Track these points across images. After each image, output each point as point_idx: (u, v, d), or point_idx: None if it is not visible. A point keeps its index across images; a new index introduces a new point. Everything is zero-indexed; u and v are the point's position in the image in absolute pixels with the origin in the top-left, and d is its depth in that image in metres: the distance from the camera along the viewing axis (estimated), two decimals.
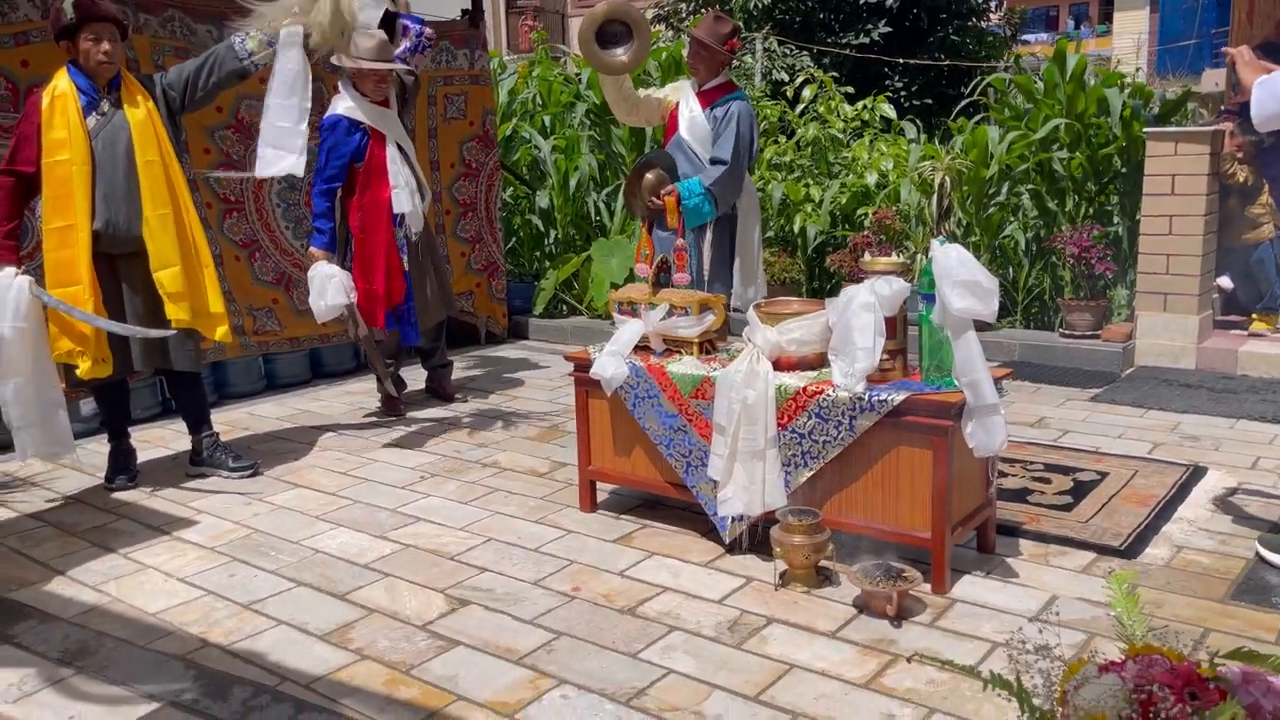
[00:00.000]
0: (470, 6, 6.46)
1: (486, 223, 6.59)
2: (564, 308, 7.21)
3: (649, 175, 4.15)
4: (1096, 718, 1.22)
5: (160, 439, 4.58)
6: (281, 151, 3.89)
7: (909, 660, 2.21)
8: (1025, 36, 19.67)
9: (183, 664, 2.52)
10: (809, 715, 2.20)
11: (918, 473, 2.75)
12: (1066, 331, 5.74)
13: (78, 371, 3.66)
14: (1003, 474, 3.65)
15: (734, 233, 4.42)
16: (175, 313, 3.72)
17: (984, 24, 11.09)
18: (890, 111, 7.50)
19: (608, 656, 2.49)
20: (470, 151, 6.42)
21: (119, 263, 3.74)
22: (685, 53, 4.45)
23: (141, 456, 4.15)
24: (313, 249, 4.49)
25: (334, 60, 4.41)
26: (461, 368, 5.82)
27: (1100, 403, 4.79)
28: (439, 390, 5.25)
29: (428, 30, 4.72)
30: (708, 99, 4.34)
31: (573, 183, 7.44)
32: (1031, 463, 3.83)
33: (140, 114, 3.72)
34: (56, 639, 2.67)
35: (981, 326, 5.04)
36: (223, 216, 5.17)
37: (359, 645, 2.59)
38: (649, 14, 11.53)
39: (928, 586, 2.76)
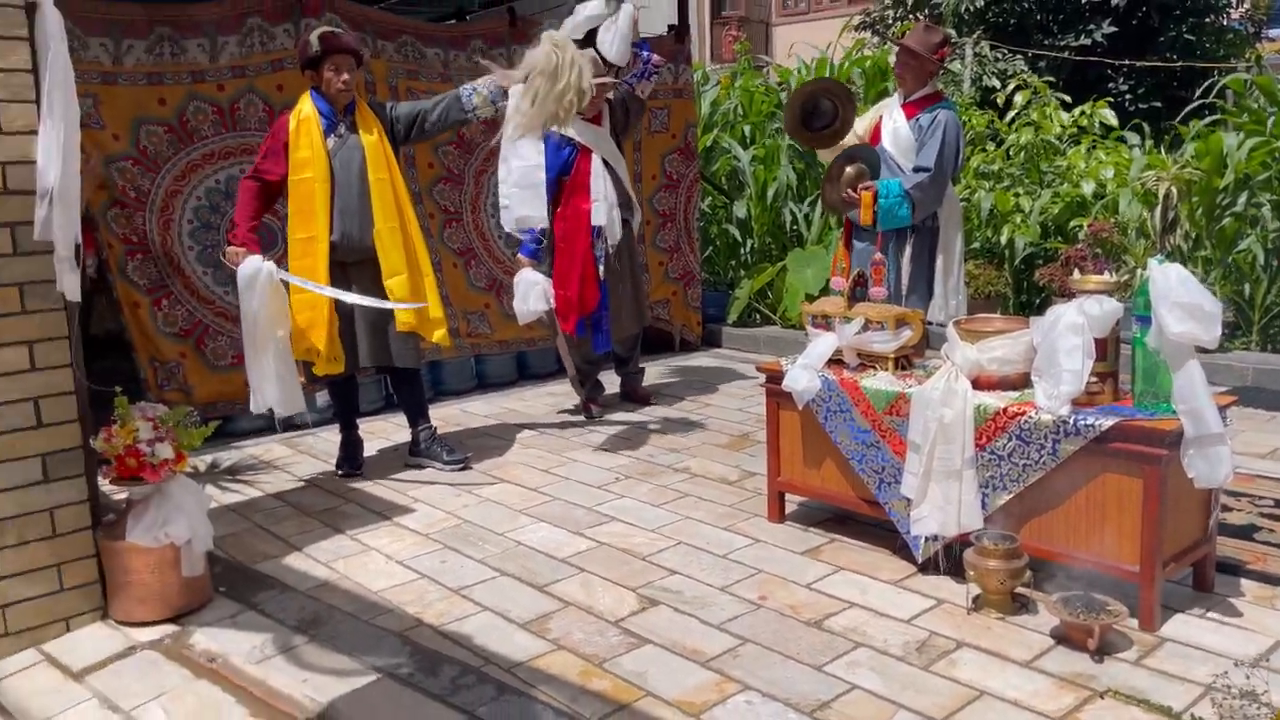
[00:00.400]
0: (676, 22, 6.62)
1: (685, 233, 6.73)
2: (758, 317, 7.24)
3: (849, 168, 4.16)
4: None
5: (383, 431, 4.96)
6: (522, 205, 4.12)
7: (1102, 696, 2.13)
8: (1271, 32, 18.00)
9: (400, 640, 2.75)
10: None
11: (1126, 502, 2.62)
12: None
13: (314, 369, 4.04)
14: (1226, 508, 3.40)
15: (934, 245, 4.34)
16: (402, 316, 4.03)
17: (1223, 21, 10.25)
18: (1111, 118, 7.09)
19: (793, 667, 2.52)
20: (671, 164, 6.58)
21: (351, 270, 4.09)
22: (892, 61, 4.41)
23: (367, 447, 4.52)
24: (520, 256, 4.76)
25: None
26: (655, 374, 5.97)
27: None
28: (632, 394, 5.41)
29: (655, 57, 4.87)
30: (913, 109, 4.28)
31: (770, 193, 7.47)
32: (1261, 497, 3.55)
33: (372, 137, 4.06)
34: (293, 609, 2.98)
35: (1206, 349, 4.74)
36: (444, 226, 5.55)
37: (556, 636, 2.74)
38: (855, 20, 11.38)
39: (1134, 622, 2.63)
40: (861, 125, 4.48)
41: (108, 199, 4.56)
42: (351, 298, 3.91)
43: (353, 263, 4.08)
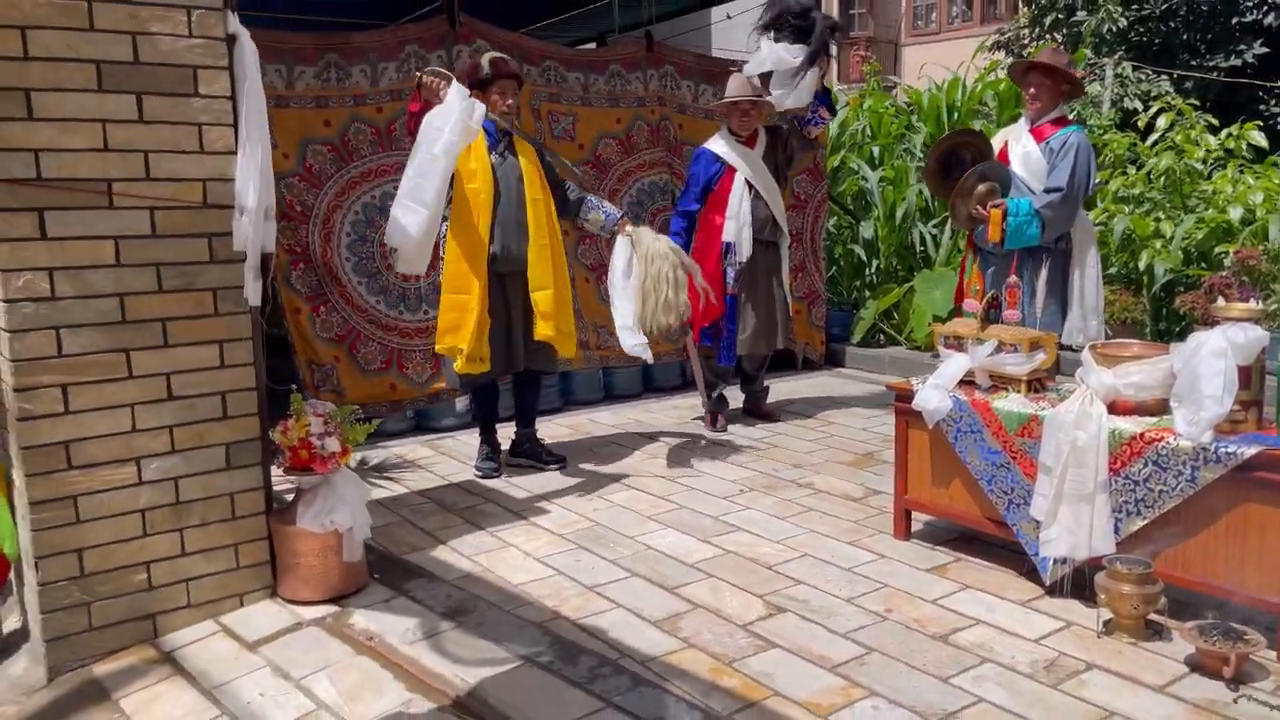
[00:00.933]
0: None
1: (811, 253, 6.79)
2: (882, 338, 7.24)
3: (981, 186, 4.19)
4: None
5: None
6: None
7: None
8: None
9: (540, 630, 2.92)
10: None
11: (1269, 533, 2.59)
12: None
13: (455, 365, 4.23)
14: None
15: (1066, 267, 4.34)
16: (544, 328, 4.23)
17: None
18: (1261, 140, 6.84)
19: (918, 677, 2.59)
20: (800, 184, 6.65)
21: (506, 280, 4.30)
22: (1024, 82, 4.41)
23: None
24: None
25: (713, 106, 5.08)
26: (779, 391, 6.05)
27: None
28: (755, 411, 5.51)
29: (826, 113, 5.03)
30: (1043, 132, 4.30)
31: (899, 213, 7.47)
32: None
33: (528, 161, 4.29)
34: (441, 596, 3.19)
35: None
36: (578, 243, 5.77)
37: (686, 635, 2.87)
38: (989, 41, 11.23)
39: (1272, 654, 2.59)
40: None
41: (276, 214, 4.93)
42: None
43: (507, 273, 4.29)
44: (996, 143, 4.54)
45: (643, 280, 4.22)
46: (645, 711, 2.46)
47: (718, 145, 5.03)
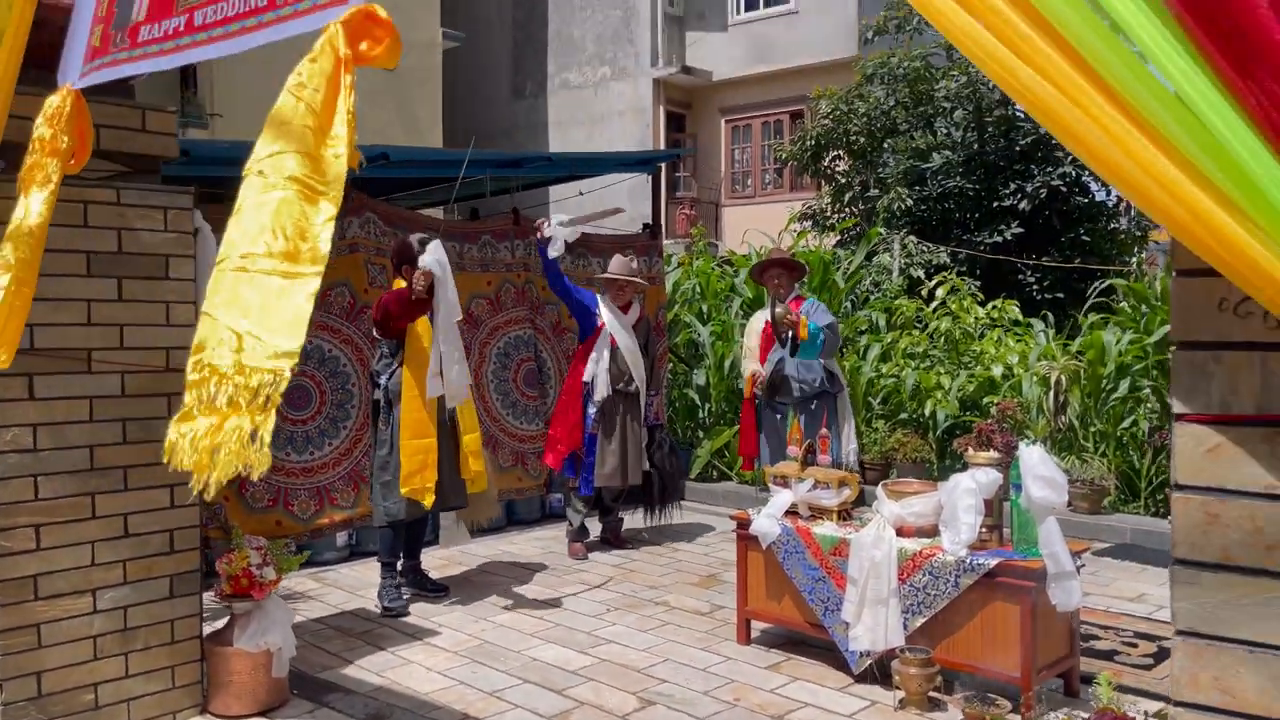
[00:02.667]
0: (651, 222, 7.80)
1: (654, 397, 7.69)
2: (715, 473, 8.16)
3: (779, 307, 5.50)
4: None
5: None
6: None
7: None
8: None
9: None
10: None
11: (1009, 623, 3.52)
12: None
13: (425, 502, 4.63)
14: (1096, 637, 4.31)
15: (840, 407, 5.63)
16: (474, 464, 4.83)
17: (1114, 225, 11.87)
18: (1017, 313, 8.34)
19: None
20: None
21: (440, 426, 4.85)
22: (769, 279, 5.73)
23: (361, 584, 5.24)
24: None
25: (598, 279, 6.04)
26: (629, 521, 6.78)
27: None
28: (613, 539, 6.23)
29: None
30: (795, 306, 5.59)
31: (727, 363, 8.53)
32: (1123, 630, 4.46)
33: None
34: (359, 706, 3.69)
35: (1095, 510, 5.84)
36: None
37: None
38: (797, 212, 12.84)
39: (1016, 716, 3.47)
40: (752, 339, 6.05)
41: None
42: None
43: (442, 420, 4.87)
44: (756, 325, 6.01)
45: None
46: None
47: (602, 301, 5.92)
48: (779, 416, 5.81)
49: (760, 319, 6.01)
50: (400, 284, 4.92)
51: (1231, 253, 1.00)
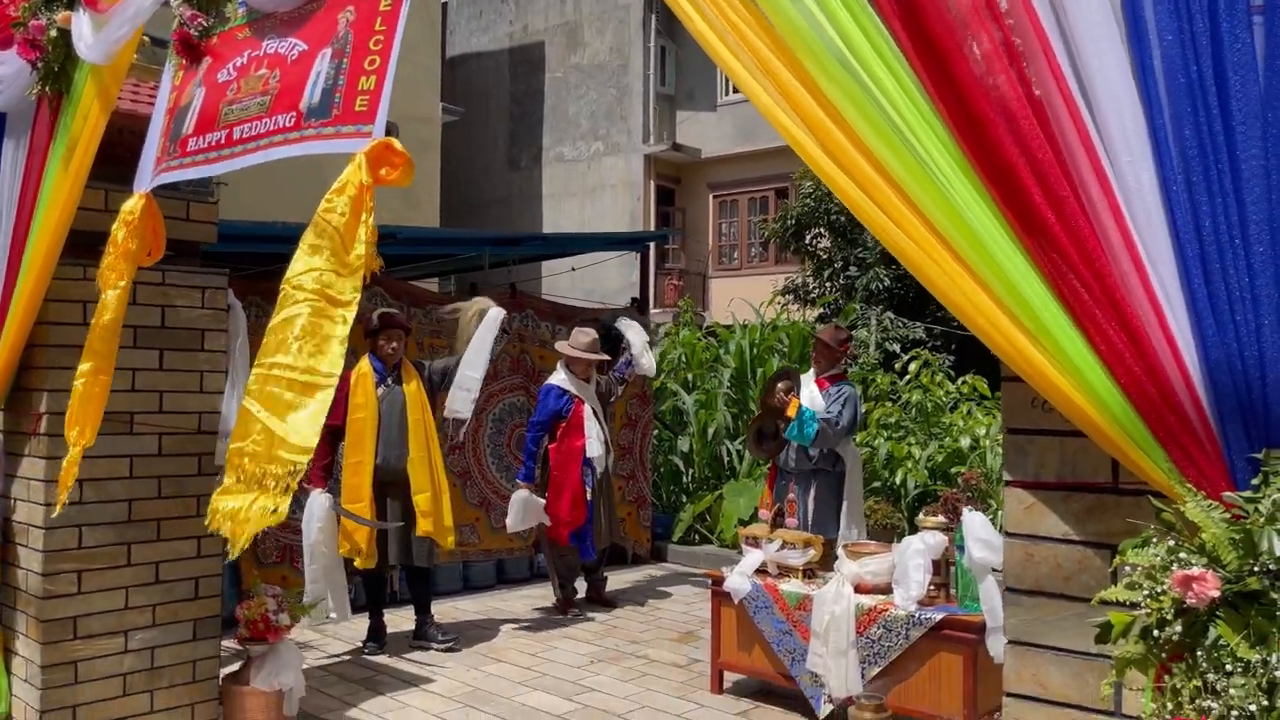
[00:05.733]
0: (639, 296, 8.28)
1: (640, 464, 8.10)
2: (697, 536, 8.51)
3: (782, 383, 5.62)
4: None
5: (393, 622, 6.02)
6: (464, 393, 5.44)
7: None
8: None
9: None
10: None
11: (954, 671, 3.89)
12: None
13: (355, 563, 5.15)
14: None
15: (840, 487, 5.73)
16: (424, 524, 5.23)
17: None
18: (985, 388, 8.81)
19: None
20: (632, 407, 8.04)
21: (388, 488, 5.31)
22: (812, 348, 5.97)
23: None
24: (519, 481, 6.05)
25: (557, 346, 6.23)
26: (614, 582, 7.13)
27: None
28: (597, 597, 6.57)
29: (632, 371, 6.59)
30: (824, 383, 5.80)
31: (710, 431, 8.94)
32: None
33: (413, 388, 5.41)
34: None
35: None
36: (448, 454, 6.83)
37: None
38: (780, 286, 13.38)
39: None
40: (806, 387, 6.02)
41: None
42: (383, 525, 5.20)
43: (389, 481, 5.31)
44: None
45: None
46: None
47: (562, 381, 6.25)
48: (782, 482, 5.79)
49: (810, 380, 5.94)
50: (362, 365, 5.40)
51: (1031, 366, 1.44)
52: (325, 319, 2.83)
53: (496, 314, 5.51)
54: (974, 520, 3.94)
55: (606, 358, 6.38)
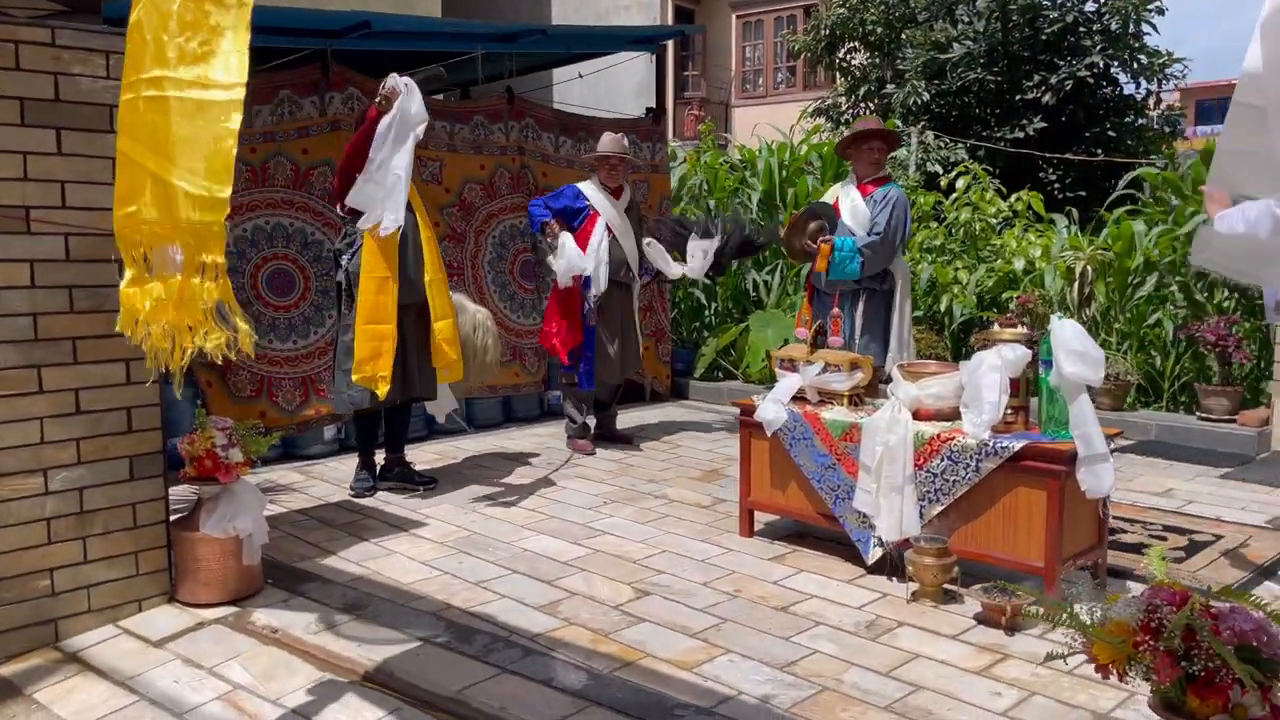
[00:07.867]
0: (655, 105, 7.36)
1: (657, 294, 7.37)
2: (720, 373, 7.87)
3: (812, 224, 4.84)
4: (1121, 622, 1.75)
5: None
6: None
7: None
8: (1202, 129, 19.46)
9: (434, 617, 3.26)
10: (929, 688, 2.73)
11: (1034, 510, 3.25)
12: (1204, 415, 5.98)
13: (379, 392, 4.30)
14: (1123, 530, 4.05)
15: (888, 306, 4.98)
16: (449, 353, 4.52)
17: (1141, 120, 11.32)
18: (1040, 206, 7.93)
19: (765, 638, 3.08)
20: (649, 232, 7.24)
21: (402, 311, 4.48)
22: (851, 149, 5.08)
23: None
24: (548, 223, 5.44)
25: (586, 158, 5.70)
26: (629, 420, 6.54)
27: (1229, 480, 5.07)
28: (610, 435, 5.97)
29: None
30: (868, 189, 4.98)
31: (734, 262, 8.16)
32: (1151, 524, 4.21)
33: (417, 203, 4.59)
34: (336, 595, 3.47)
35: (1118, 407, 5.49)
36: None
37: (567, 615, 3.27)
38: (810, 108, 12.31)
39: (1039, 609, 3.22)
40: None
41: None
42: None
43: (406, 305, 4.52)
44: (828, 197, 5.21)
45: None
46: (537, 674, 2.84)
47: (587, 189, 5.55)
48: (823, 300, 4.99)
49: (832, 195, 5.16)
50: None
51: None
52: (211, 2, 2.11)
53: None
54: (1065, 329, 3.21)
55: (635, 159, 5.70)
